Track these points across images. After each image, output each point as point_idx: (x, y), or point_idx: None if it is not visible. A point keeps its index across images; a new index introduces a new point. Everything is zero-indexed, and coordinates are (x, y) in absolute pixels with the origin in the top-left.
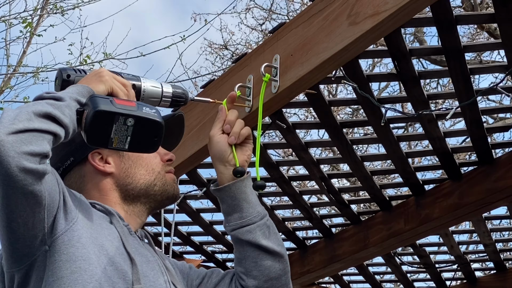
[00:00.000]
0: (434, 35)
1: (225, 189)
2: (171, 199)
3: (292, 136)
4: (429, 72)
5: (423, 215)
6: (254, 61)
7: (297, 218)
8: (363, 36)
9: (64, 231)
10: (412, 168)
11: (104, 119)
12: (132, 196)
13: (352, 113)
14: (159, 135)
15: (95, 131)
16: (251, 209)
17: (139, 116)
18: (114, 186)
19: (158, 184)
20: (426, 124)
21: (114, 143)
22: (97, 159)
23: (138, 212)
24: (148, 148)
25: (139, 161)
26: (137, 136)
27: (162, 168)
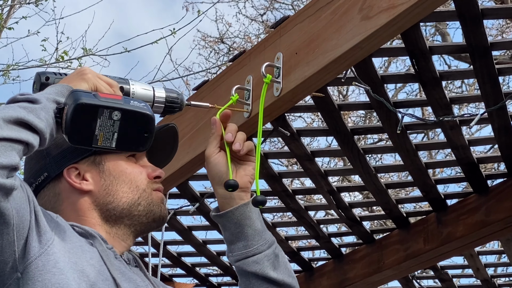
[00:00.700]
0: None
1: (227, 214)
2: (157, 221)
3: (297, 144)
4: (451, 73)
5: (445, 233)
6: (253, 60)
7: (302, 236)
8: (377, 32)
9: (38, 255)
10: (432, 181)
11: (87, 114)
12: (114, 217)
13: (364, 116)
14: (149, 130)
15: (77, 127)
16: (257, 237)
17: (126, 108)
18: (92, 205)
19: (143, 203)
20: (448, 131)
21: (99, 140)
22: (74, 175)
23: (122, 235)
24: (138, 146)
25: (121, 177)
26: (125, 132)
27: (148, 185)
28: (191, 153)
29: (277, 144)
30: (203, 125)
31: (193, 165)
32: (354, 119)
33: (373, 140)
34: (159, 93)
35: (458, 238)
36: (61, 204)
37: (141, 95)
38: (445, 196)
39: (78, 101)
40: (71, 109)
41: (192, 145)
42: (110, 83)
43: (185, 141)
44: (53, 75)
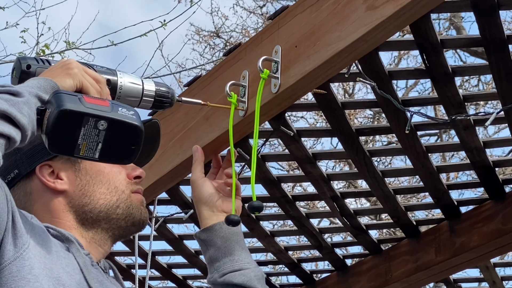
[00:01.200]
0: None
1: (215, 228)
2: (137, 225)
3: (297, 146)
4: (465, 68)
5: (458, 243)
6: (249, 54)
7: (303, 246)
8: (384, 24)
9: (12, 259)
10: (444, 186)
11: (70, 121)
12: (91, 219)
13: (372, 118)
14: (137, 143)
15: (60, 135)
16: (244, 254)
17: (114, 118)
18: (67, 206)
19: (122, 206)
20: (462, 131)
21: (81, 150)
22: (47, 173)
23: (100, 240)
24: (123, 158)
25: (99, 177)
26: (110, 143)
27: (127, 186)
28: (181, 154)
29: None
30: (195, 124)
31: (184, 168)
32: (361, 120)
33: (382, 143)
34: (148, 86)
35: (473, 248)
36: (33, 205)
37: (129, 88)
38: (459, 202)
39: (62, 106)
40: (55, 114)
41: (183, 146)
42: (97, 79)
43: (176, 142)
44: (35, 63)
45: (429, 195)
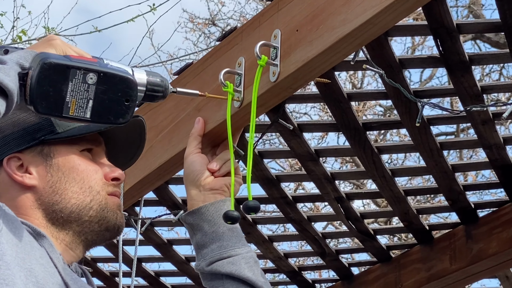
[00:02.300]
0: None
1: (200, 211)
2: (111, 231)
3: (298, 141)
4: (484, 56)
5: (475, 250)
6: (246, 39)
7: (305, 253)
8: (393, 5)
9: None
10: (461, 187)
11: (56, 75)
12: (62, 220)
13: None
14: (131, 98)
15: (45, 92)
16: (234, 239)
17: (103, 70)
18: (36, 203)
19: (95, 208)
20: (480, 126)
21: (71, 108)
22: (15, 166)
23: (71, 243)
24: (117, 116)
25: (72, 174)
26: (102, 99)
27: (103, 187)
28: (170, 150)
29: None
30: (185, 116)
31: (173, 164)
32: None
33: (393, 140)
34: (139, 75)
35: (491, 256)
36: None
37: None
38: (476, 205)
39: (45, 60)
40: (38, 69)
41: (172, 141)
42: (81, 54)
43: (164, 136)
44: (15, 49)
45: (444, 197)
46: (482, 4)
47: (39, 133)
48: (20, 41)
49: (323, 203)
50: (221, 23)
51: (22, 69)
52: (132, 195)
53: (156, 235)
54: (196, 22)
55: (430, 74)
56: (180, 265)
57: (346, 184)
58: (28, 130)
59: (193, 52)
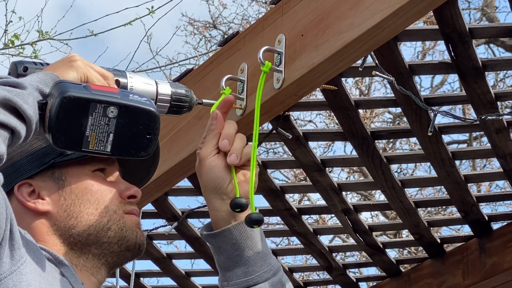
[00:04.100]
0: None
1: (223, 234)
2: (132, 250)
3: (303, 151)
4: (497, 62)
5: (489, 264)
6: (249, 44)
7: (311, 267)
8: (404, 8)
9: (9, 273)
10: (474, 198)
11: (76, 109)
12: (80, 244)
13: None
14: (154, 131)
15: (64, 126)
16: (260, 262)
17: (125, 103)
18: (51, 229)
19: (114, 228)
20: (493, 135)
21: (91, 143)
22: (27, 192)
23: (92, 268)
24: (139, 150)
25: (86, 195)
26: (123, 133)
27: (119, 206)
28: (170, 160)
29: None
30: (185, 125)
31: (172, 175)
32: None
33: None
34: (163, 88)
35: (506, 270)
36: None
37: (141, 91)
38: (490, 217)
39: (65, 93)
40: (57, 103)
41: (172, 151)
42: (104, 74)
43: (163, 146)
44: (33, 65)
45: (456, 209)
46: (495, 7)
47: (48, 156)
48: (12, 46)
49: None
50: (222, 27)
51: (42, 95)
52: None
53: (155, 249)
54: (196, 25)
55: (442, 80)
56: (180, 280)
57: (353, 195)
58: (37, 154)
59: (193, 56)
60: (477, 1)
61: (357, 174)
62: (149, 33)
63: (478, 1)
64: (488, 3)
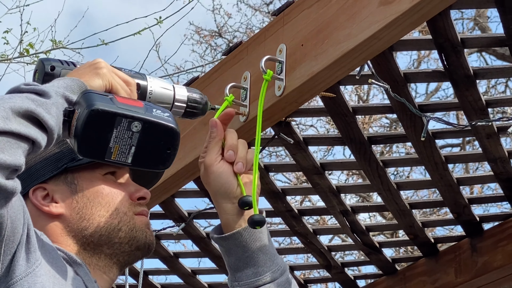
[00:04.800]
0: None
1: (234, 236)
2: (142, 249)
3: (304, 155)
4: (488, 70)
5: (480, 263)
6: (252, 53)
7: (311, 266)
8: (399, 20)
9: (24, 275)
10: (465, 200)
11: (102, 122)
12: (93, 244)
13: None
14: (173, 146)
15: (90, 137)
16: (269, 262)
17: (149, 119)
18: (65, 231)
19: (124, 229)
20: (484, 140)
21: (113, 154)
22: (41, 196)
23: (104, 267)
24: (157, 164)
25: (97, 198)
26: (145, 147)
27: (129, 208)
28: (176, 164)
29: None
30: (191, 130)
31: (179, 178)
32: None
33: (399, 154)
34: (180, 92)
35: (497, 268)
36: None
37: (160, 94)
38: (481, 218)
39: (93, 106)
40: (85, 114)
41: (179, 155)
42: (127, 80)
43: None
44: (60, 64)
45: (449, 210)
46: (487, 17)
47: (61, 161)
48: (27, 54)
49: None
50: (227, 35)
51: (68, 102)
52: None
53: (163, 248)
54: (202, 34)
55: (436, 86)
56: (187, 278)
57: (352, 195)
58: (50, 160)
59: (200, 65)
60: (470, 11)
61: (355, 176)
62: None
63: (471, 11)
64: (480, 13)
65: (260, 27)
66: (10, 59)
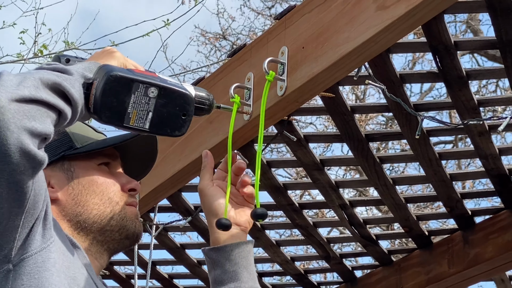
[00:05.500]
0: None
1: (225, 249)
2: (131, 238)
3: (304, 152)
4: (480, 71)
5: (472, 255)
6: (255, 55)
7: (311, 257)
8: (394, 24)
9: (39, 250)
10: (458, 195)
11: (120, 87)
12: (86, 230)
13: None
14: (188, 112)
15: (109, 102)
16: (251, 281)
17: (165, 85)
18: (60, 215)
19: (115, 217)
20: (476, 137)
21: (132, 119)
22: None
23: (96, 252)
24: (174, 129)
25: (92, 187)
26: (161, 112)
27: (121, 198)
28: (183, 160)
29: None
30: (198, 128)
31: (186, 174)
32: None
33: (395, 150)
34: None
35: (487, 260)
36: None
37: None
38: (473, 212)
39: (111, 72)
40: (103, 80)
41: (185, 151)
42: (137, 66)
43: (177, 147)
44: (74, 58)
45: (442, 204)
46: (479, 20)
47: (59, 149)
48: (41, 55)
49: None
50: (231, 37)
51: (86, 80)
52: (147, 202)
53: (170, 240)
54: (207, 36)
55: (430, 86)
56: (192, 268)
57: (350, 190)
58: (50, 146)
59: (205, 65)
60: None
61: (353, 171)
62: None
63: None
64: (473, 16)
65: (262, 29)
66: (25, 59)
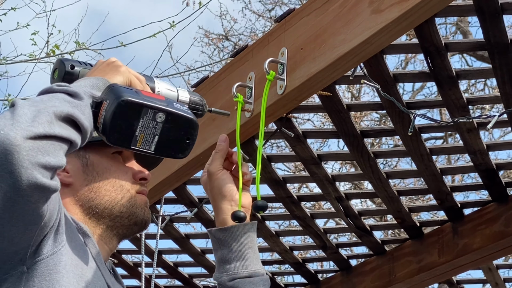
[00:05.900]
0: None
1: (232, 229)
2: (139, 225)
3: (302, 147)
4: (469, 72)
5: (461, 245)
6: (256, 56)
7: (308, 246)
8: (389, 27)
9: (50, 253)
10: (448, 188)
11: (129, 112)
12: (97, 215)
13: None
14: (192, 137)
15: (118, 126)
16: (255, 261)
17: (172, 111)
18: (73, 200)
19: (126, 204)
20: (465, 134)
21: (138, 142)
22: None
23: (106, 237)
24: (177, 152)
25: (105, 174)
26: (167, 136)
27: (132, 186)
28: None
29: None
30: (201, 125)
31: (190, 167)
32: (367, 123)
33: (389, 146)
34: (182, 95)
35: (475, 250)
36: None
37: (165, 95)
38: (462, 204)
39: (122, 97)
40: (114, 105)
41: None
42: (139, 78)
43: None
44: (78, 64)
45: (433, 197)
46: (468, 22)
47: None
48: (53, 55)
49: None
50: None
51: (95, 99)
52: (153, 195)
53: (175, 230)
54: (211, 37)
55: (422, 85)
56: (196, 256)
57: (346, 183)
58: None
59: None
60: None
61: (348, 165)
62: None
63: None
64: (462, 18)
65: (263, 31)
66: (37, 59)
